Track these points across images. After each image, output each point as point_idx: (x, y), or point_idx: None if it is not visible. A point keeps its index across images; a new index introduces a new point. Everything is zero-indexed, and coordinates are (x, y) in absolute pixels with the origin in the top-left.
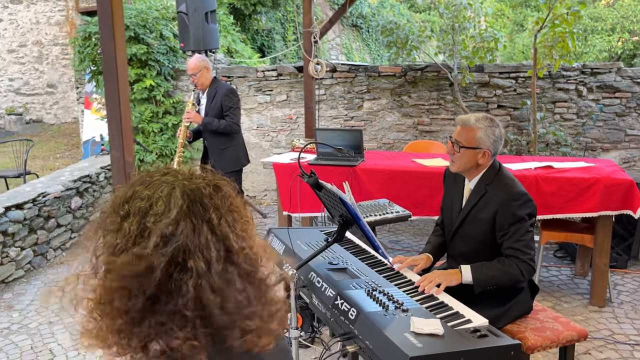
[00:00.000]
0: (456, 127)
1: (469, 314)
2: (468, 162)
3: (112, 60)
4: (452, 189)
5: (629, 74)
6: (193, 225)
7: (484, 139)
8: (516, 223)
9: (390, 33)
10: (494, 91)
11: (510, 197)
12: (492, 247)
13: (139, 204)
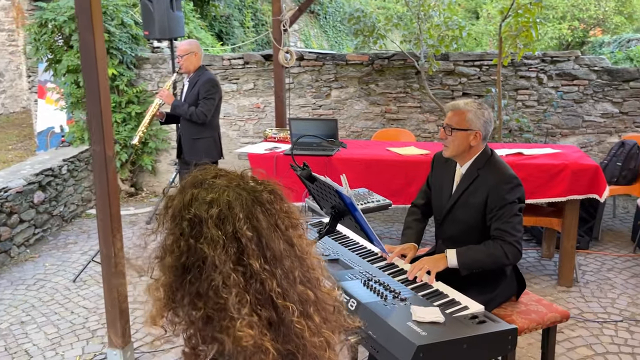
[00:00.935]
0: (446, 114)
1: (465, 301)
2: (460, 144)
3: (91, 51)
4: (442, 173)
5: (586, 62)
6: (261, 229)
7: (474, 120)
8: (505, 205)
9: (357, 21)
10: (459, 79)
11: (501, 180)
12: (483, 230)
13: (205, 208)
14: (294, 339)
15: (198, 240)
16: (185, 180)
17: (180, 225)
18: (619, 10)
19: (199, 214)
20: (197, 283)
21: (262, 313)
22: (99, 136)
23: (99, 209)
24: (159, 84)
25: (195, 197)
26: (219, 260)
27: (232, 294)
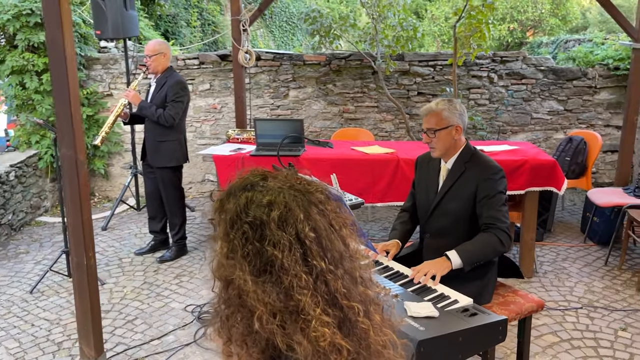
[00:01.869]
0: (422, 119)
1: (454, 295)
2: (446, 141)
3: (61, 52)
4: (426, 173)
5: (533, 62)
6: (320, 230)
7: (450, 116)
8: (496, 195)
9: (313, 21)
10: (414, 79)
11: (490, 171)
12: (471, 221)
13: (264, 210)
14: (360, 339)
15: (263, 243)
16: (232, 184)
17: (242, 229)
18: (554, 13)
19: (259, 217)
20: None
21: (331, 313)
22: (70, 140)
23: (70, 215)
24: (110, 85)
25: (250, 200)
26: (288, 262)
27: (305, 295)
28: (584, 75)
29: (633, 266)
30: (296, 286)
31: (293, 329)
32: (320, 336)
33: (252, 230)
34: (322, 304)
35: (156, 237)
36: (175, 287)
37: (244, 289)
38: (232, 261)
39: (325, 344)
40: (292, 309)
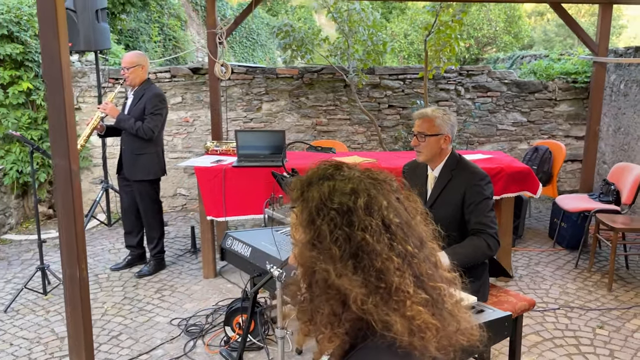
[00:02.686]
0: (414, 122)
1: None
2: (433, 148)
3: (57, 60)
4: (413, 181)
5: (497, 76)
6: (402, 215)
7: (442, 125)
8: (483, 200)
9: (286, 35)
10: (384, 92)
11: (477, 177)
12: (460, 225)
13: (349, 198)
14: (445, 317)
15: (352, 228)
16: (308, 175)
17: (329, 215)
18: (507, 30)
19: (345, 203)
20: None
21: (421, 294)
22: (64, 149)
23: (63, 226)
24: (79, 98)
25: (334, 188)
26: (380, 246)
27: (398, 276)
28: (545, 88)
29: (601, 268)
30: (389, 269)
31: (387, 309)
32: (415, 315)
33: (339, 216)
34: (413, 286)
35: (133, 251)
36: (157, 302)
37: (333, 273)
38: (319, 246)
39: (419, 322)
40: (385, 291)
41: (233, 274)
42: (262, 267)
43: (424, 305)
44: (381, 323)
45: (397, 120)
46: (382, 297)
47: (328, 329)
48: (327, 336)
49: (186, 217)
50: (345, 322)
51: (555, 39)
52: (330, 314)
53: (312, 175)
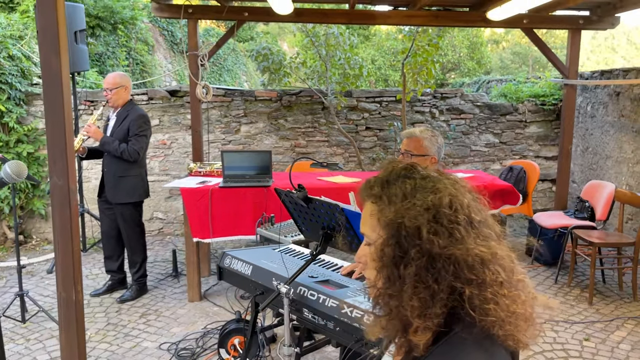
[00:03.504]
0: (402, 140)
1: None
2: None
3: (57, 79)
4: None
5: (470, 99)
6: (482, 214)
7: (429, 146)
8: None
9: (265, 58)
10: (362, 114)
11: None
12: None
13: (434, 196)
14: (527, 310)
15: (440, 224)
16: (386, 173)
17: (416, 212)
18: (470, 56)
19: (430, 200)
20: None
21: (510, 287)
22: (63, 168)
23: (60, 248)
24: None
25: (415, 187)
26: (470, 241)
27: (489, 269)
28: (515, 111)
29: (580, 283)
30: (484, 261)
31: (483, 298)
32: (510, 306)
33: (427, 213)
34: (502, 279)
35: (113, 276)
36: (143, 327)
37: (424, 267)
38: (407, 242)
39: (513, 313)
40: (480, 281)
41: (218, 297)
42: (265, 285)
43: (513, 298)
44: (479, 313)
45: (374, 142)
46: (479, 287)
47: (421, 320)
48: (420, 328)
49: (163, 241)
50: (436, 316)
51: (511, 66)
52: (422, 307)
53: (390, 173)
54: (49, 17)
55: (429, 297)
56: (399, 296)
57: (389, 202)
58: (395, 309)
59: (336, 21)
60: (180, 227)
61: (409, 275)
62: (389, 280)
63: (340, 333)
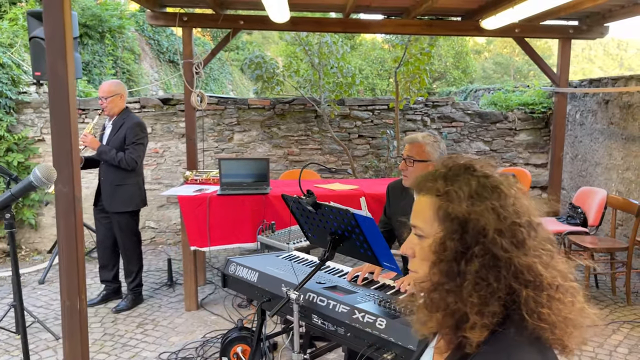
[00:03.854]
0: (404, 146)
1: None
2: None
3: (64, 87)
4: (401, 202)
5: (461, 107)
6: (531, 210)
7: (432, 152)
8: None
9: (258, 67)
10: (354, 122)
11: None
12: None
13: (497, 195)
14: (580, 314)
15: (507, 221)
16: (446, 168)
17: (482, 209)
18: (456, 65)
19: (496, 201)
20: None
21: (564, 291)
22: (68, 175)
23: (64, 255)
24: (42, 130)
25: (480, 184)
26: (531, 243)
27: (548, 273)
28: (505, 119)
29: None
30: (543, 263)
31: (539, 301)
32: (563, 308)
33: (493, 213)
34: (557, 282)
35: (108, 286)
36: (141, 336)
37: (493, 264)
38: (471, 238)
39: (566, 317)
40: (537, 284)
41: (215, 305)
42: (273, 292)
43: (566, 303)
44: (533, 315)
45: (367, 150)
46: (534, 291)
47: (479, 317)
48: (477, 325)
49: (156, 250)
50: (494, 314)
51: (494, 76)
52: (482, 304)
53: (450, 169)
54: (56, 23)
55: (489, 295)
56: (458, 292)
57: (454, 197)
58: (453, 304)
59: (331, 30)
60: (173, 236)
61: (470, 271)
62: (447, 275)
63: (352, 338)
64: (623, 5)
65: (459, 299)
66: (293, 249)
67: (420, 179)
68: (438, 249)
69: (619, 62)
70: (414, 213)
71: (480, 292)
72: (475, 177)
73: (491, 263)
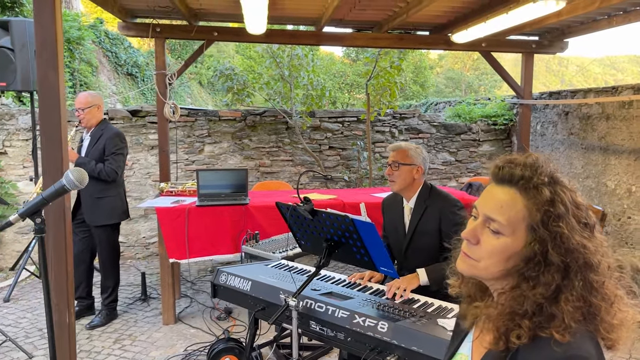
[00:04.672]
0: (390, 153)
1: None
2: (406, 177)
3: (55, 92)
4: (392, 214)
5: (427, 119)
6: None
7: (415, 156)
8: (458, 225)
9: (228, 79)
10: (325, 134)
11: (450, 204)
12: (441, 251)
13: (580, 202)
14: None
15: (587, 229)
16: (531, 170)
17: (564, 208)
18: (414, 80)
19: (578, 208)
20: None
21: (619, 293)
22: None
23: (54, 266)
24: (5, 142)
25: (563, 189)
26: (599, 248)
27: (611, 275)
28: (469, 130)
29: None
30: (610, 267)
31: (602, 298)
32: (617, 311)
33: (574, 219)
34: (617, 286)
35: (81, 302)
36: (119, 352)
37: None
38: (564, 243)
39: (620, 319)
40: (602, 282)
41: (193, 319)
42: (268, 300)
43: (620, 305)
44: (593, 312)
45: (337, 161)
46: (607, 304)
47: (569, 323)
48: (566, 327)
49: (125, 264)
50: (576, 322)
51: (446, 90)
52: (573, 313)
53: (535, 171)
54: (48, 34)
55: (577, 307)
56: (553, 300)
57: (562, 215)
58: (544, 308)
59: (305, 42)
60: (142, 250)
61: (567, 287)
62: (544, 285)
63: (352, 343)
64: (582, 22)
65: (554, 304)
66: (279, 258)
67: (510, 169)
68: (537, 260)
69: (560, 78)
70: (494, 205)
71: (574, 304)
72: (557, 187)
73: (587, 285)
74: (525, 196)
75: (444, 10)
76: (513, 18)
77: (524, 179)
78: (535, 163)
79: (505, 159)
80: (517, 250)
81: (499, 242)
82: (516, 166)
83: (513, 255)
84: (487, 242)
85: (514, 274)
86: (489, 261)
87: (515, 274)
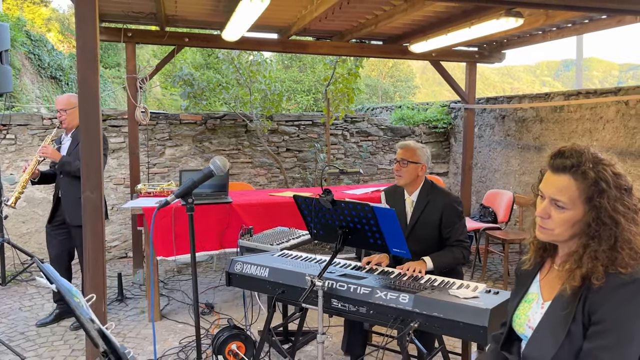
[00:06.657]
0: (398, 150)
1: (468, 282)
2: (412, 174)
3: (94, 94)
4: (394, 205)
5: (375, 122)
6: None
7: (421, 155)
8: (460, 220)
9: (187, 84)
10: (282, 137)
11: (452, 200)
12: (439, 242)
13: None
14: None
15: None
16: (584, 158)
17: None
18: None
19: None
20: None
21: None
22: (96, 183)
23: (90, 258)
24: None
25: (613, 173)
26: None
27: None
28: (413, 133)
29: (491, 275)
30: None
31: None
32: None
33: (619, 190)
34: None
35: (62, 304)
36: None
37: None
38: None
39: None
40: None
41: (176, 315)
42: (287, 284)
43: None
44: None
45: (294, 163)
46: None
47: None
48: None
49: None
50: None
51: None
52: (630, 250)
53: (585, 160)
54: (89, 36)
55: (633, 246)
56: (613, 245)
57: (604, 188)
58: (609, 252)
59: (272, 49)
60: (117, 251)
61: (619, 234)
62: (606, 238)
63: (375, 315)
64: (519, 36)
65: (615, 251)
66: (279, 249)
67: (562, 161)
68: (596, 223)
69: (493, 87)
70: (555, 190)
71: (628, 245)
72: (608, 166)
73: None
74: (576, 180)
75: (403, 23)
76: (474, 32)
77: (573, 167)
78: (579, 151)
79: (556, 151)
80: (579, 218)
81: (565, 215)
82: (566, 158)
83: (577, 222)
84: (556, 216)
85: (581, 235)
86: (560, 229)
87: (583, 234)
